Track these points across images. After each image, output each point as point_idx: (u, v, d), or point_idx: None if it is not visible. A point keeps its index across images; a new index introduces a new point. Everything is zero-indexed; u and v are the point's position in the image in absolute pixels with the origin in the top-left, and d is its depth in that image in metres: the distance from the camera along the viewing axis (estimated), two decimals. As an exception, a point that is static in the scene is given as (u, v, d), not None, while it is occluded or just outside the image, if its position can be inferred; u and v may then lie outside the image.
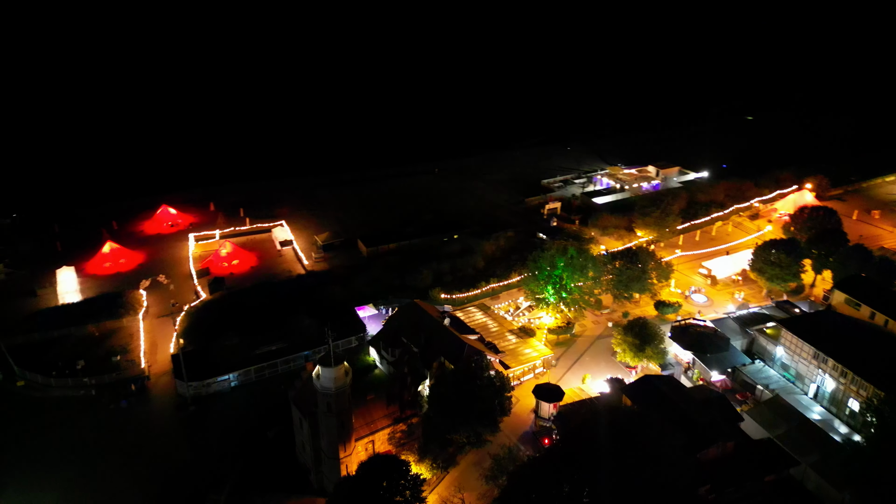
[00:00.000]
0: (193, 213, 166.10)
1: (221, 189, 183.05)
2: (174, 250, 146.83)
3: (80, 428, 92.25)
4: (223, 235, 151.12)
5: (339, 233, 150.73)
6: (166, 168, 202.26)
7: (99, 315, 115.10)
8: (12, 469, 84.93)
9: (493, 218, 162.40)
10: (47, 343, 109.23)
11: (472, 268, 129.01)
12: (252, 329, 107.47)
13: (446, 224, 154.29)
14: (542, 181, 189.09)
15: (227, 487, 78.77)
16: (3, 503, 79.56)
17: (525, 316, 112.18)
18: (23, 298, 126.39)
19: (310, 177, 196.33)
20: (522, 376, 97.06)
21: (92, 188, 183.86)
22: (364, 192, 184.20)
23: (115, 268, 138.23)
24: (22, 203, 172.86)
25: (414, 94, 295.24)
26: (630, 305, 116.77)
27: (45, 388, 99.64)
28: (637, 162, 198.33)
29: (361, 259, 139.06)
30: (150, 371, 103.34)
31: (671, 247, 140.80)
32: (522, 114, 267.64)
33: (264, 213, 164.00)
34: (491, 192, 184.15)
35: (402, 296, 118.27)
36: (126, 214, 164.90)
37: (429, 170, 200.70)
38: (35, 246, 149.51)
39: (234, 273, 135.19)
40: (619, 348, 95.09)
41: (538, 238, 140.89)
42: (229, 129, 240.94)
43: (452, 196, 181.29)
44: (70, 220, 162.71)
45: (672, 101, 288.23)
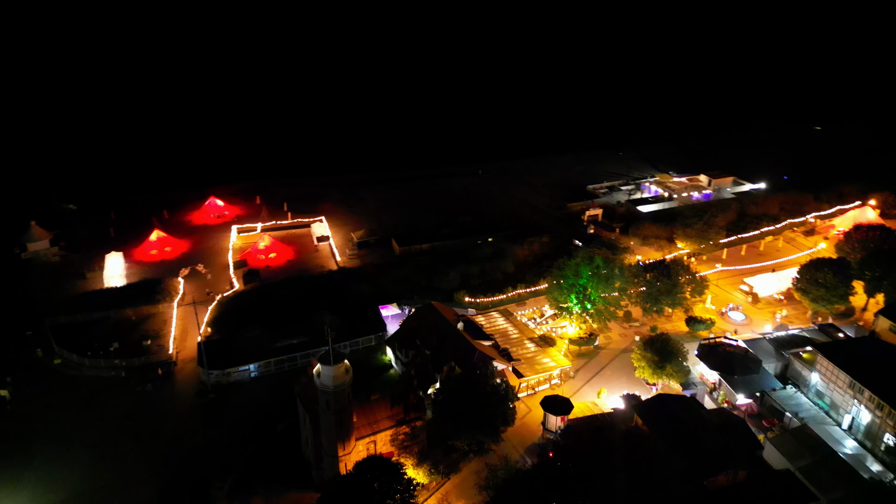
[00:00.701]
0: (240, 205, 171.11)
1: (271, 183, 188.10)
2: (217, 241, 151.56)
3: (106, 407, 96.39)
4: (264, 228, 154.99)
5: (375, 231, 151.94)
6: (220, 161, 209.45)
7: (137, 300, 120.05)
8: (41, 442, 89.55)
9: (532, 222, 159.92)
10: (87, 324, 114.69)
11: (501, 272, 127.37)
12: (276, 322, 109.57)
13: (482, 226, 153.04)
14: (588, 187, 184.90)
15: (232, 476, 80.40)
16: (30, 475, 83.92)
17: (548, 324, 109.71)
18: (72, 280, 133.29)
19: (355, 174, 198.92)
20: (537, 386, 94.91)
21: (149, 178, 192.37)
22: (406, 192, 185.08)
23: (161, 255, 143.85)
24: (86, 191, 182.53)
25: (466, 94, 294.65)
26: (662, 320, 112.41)
27: (79, 368, 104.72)
28: (691, 170, 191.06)
29: (394, 258, 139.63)
30: (177, 357, 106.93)
31: (714, 260, 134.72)
32: (578, 118, 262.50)
33: (307, 209, 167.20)
34: (533, 196, 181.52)
35: (427, 297, 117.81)
36: (177, 204, 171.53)
37: (472, 171, 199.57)
38: (92, 231, 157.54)
39: (270, 266, 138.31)
40: (639, 364, 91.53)
41: (573, 245, 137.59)
42: (283, 126, 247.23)
43: (494, 198, 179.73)
44: (126, 208, 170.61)
45: (736, 108, 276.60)
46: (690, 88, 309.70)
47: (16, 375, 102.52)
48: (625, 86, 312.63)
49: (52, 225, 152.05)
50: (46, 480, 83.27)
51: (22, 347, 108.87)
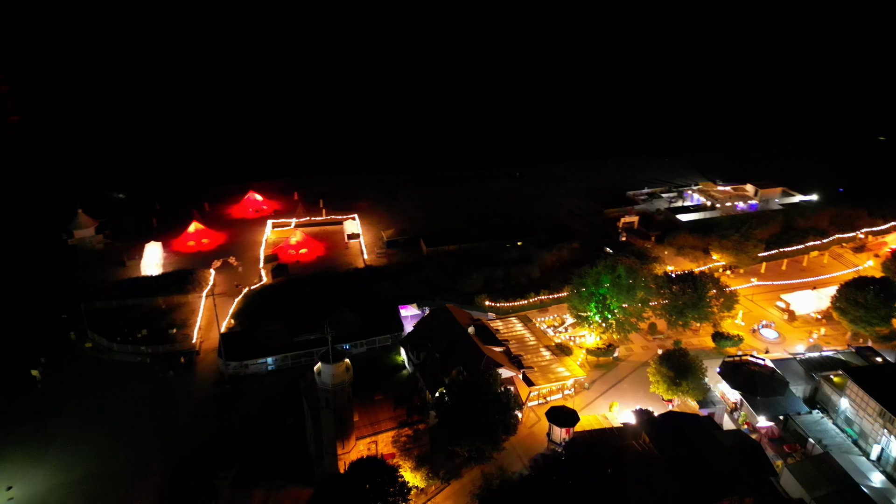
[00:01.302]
0: (279, 200, 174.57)
1: (311, 180, 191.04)
2: (253, 234, 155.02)
3: (129, 392, 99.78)
4: (298, 224, 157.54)
5: (406, 230, 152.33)
6: (264, 156, 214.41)
7: (169, 289, 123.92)
8: (66, 422, 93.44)
9: (565, 228, 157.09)
10: (120, 310, 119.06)
11: (525, 277, 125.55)
12: (297, 317, 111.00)
13: (513, 230, 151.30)
14: (628, 193, 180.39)
15: (236, 467, 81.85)
16: (52, 453, 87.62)
17: (567, 333, 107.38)
18: (113, 267, 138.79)
19: (395, 173, 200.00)
20: (549, 395, 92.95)
21: (195, 171, 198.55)
22: (443, 192, 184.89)
23: (198, 247, 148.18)
24: (136, 181, 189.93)
25: (511, 95, 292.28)
26: (688, 334, 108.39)
27: (108, 352, 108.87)
28: (741, 179, 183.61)
29: (421, 258, 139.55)
30: (200, 346, 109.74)
31: (752, 274, 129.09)
32: (626, 121, 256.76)
33: (343, 206, 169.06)
34: (571, 201, 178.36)
35: (449, 299, 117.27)
36: (219, 198, 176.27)
37: (510, 173, 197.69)
38: (137, 221, 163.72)
39: (300, 261, 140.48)
40: (654, 379, 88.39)
41: (604, 252, 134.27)
42: (327, 123, 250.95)
43: (529, 202, 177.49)
44: (171, 199, 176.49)
45: (796, 116, 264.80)
46: (750, 94, 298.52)
47: (49, 356, 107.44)
48: (678, 88, 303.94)
49: (99, 213, 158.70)
50: (66, 459, 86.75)
51: (57, 330, 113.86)
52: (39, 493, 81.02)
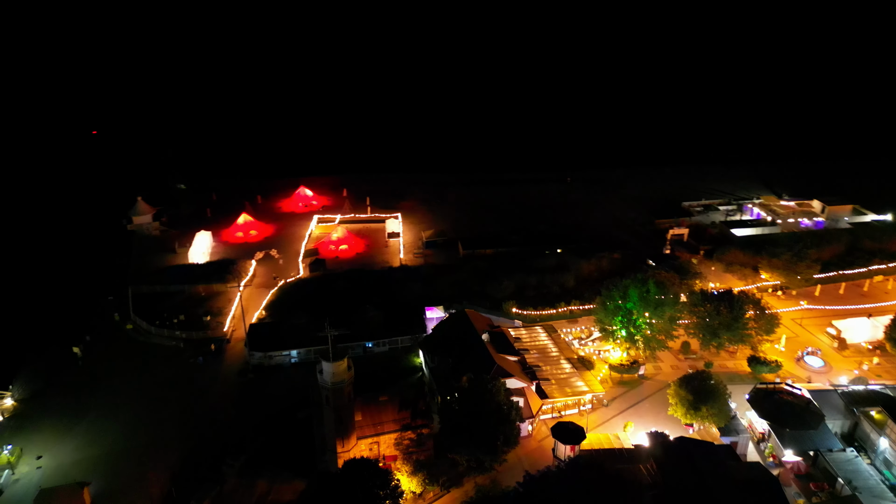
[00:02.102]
0: (328, 196, 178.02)
1: (362, 177, 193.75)
2: (299, 228, 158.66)
3: (160, 374, 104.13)
4: (342, 220, 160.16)
5: (446, 231, 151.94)
6: (320, 152, 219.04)
7: (210, 278, 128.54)
8: (99, 399, 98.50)
9: (610, 237, 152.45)
10: (163, 295, 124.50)
11: (559, 286, 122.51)
12: (324, 311, 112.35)
13: (554, 236, 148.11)
14: (683, 203, 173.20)
15: (244, 457, 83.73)
16: (82, 427, 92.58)
17: (592, 346, 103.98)
18: (164, 254, 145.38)
19: (445, 173, 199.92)
20: (564, 410, 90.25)
21: (254, 164, 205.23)
22: (491, 195, 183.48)
23: (245, 238, 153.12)
24: (199, 172, 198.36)
25: (571, 98, 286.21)
26: (724, 356, 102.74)
27: (146, 335, 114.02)
28: (809, 195, 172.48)
29: (457, 260, 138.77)
30: (231, 335, 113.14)
31: (805, 297, 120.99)
32: (691, 128, 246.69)
33: (389, 204, 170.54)
34: (622, 209, 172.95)
35: (476, 303, 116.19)
36: (272, 191, 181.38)
37: (562, 178, 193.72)
38: (194, 210, 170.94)
39: (339, 257, 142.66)
40: (673, 401, 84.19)
41: (646, 264, 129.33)
42: (384, 121, 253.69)
43: (578, 208, 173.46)
44: (227, 191, 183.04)
45: (881, 129, 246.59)
46: (831, 105, 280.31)
47: (93, 335, 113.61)
48: (752, 96, 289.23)
49: (159, 202, 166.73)
50: (93, 434, 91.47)
51: (103, 311, 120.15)
52: (65, 465, 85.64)
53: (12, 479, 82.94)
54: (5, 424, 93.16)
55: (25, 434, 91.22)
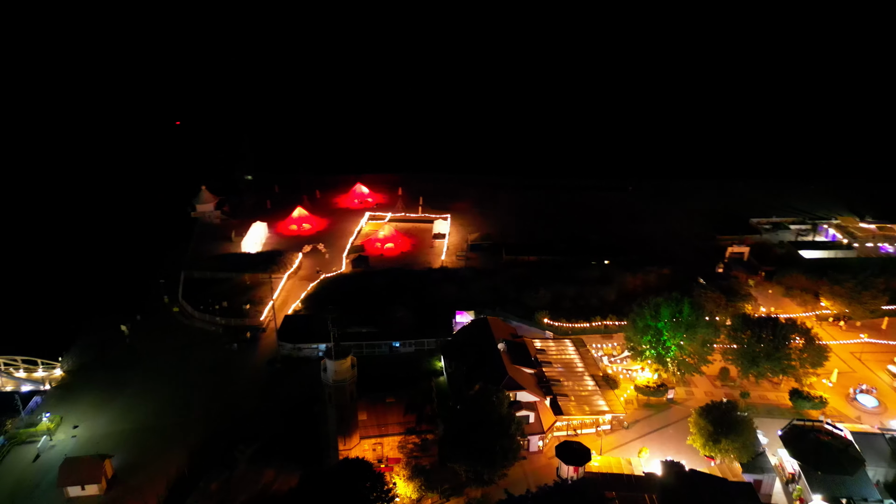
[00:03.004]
0: (384, 194, 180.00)
1: (420, 176, 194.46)
2: (351, 224, 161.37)
3: (197, 357, 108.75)
4: (393, 219, 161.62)
5: (492, 235, 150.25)
6: (381, 149, 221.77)
7: (257, 267, 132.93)
8: (138, 376, 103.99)
9: (665, 251, 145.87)
10: (212, 282, 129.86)
11: (598, 299, 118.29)
12: (357, 307, 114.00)
13: (604, 247, 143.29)
14: (752, 220, 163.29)
15: (256, 445, 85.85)
16: (119, 401, 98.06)
17: (621, 364, 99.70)
18: (221, 241, 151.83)
19: (503, 176, 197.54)
20: (581, 428, 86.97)
21: (319, 159, 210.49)
22: (546, 200, 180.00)
23: (299, 231, 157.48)
24: (265, 164, 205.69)
25: (642, 103, 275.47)
26: (767, 386, 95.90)
27: (190, 318, 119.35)
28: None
29: (499, 265, 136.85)
30: (267, 325, 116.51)
31: (868, 329, 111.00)
32: (771, 139, 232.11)
33: (441, 205, 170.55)
34: (683, 222, 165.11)
35: (508, 310, 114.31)
36: (331, 186, 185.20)
37: (623, 186, 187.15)
38: (256, 201, 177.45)
39: (384, 255, 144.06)
40: (693, 430, 79.27)
41: (697, 282, 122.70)
42: (447, 120, 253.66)
43: (636, 218, 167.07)
44: (289, 184, 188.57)
45: None
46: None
47: (143, 315, 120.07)
48: (841, 108, 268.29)
49: (222, 191, 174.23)
50: (128, 408, 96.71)
51: (155, 293, 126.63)
52: (97, 437, 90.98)
53: (49, 445, 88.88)
54: (51, 393, 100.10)
55: (68, 404, 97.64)
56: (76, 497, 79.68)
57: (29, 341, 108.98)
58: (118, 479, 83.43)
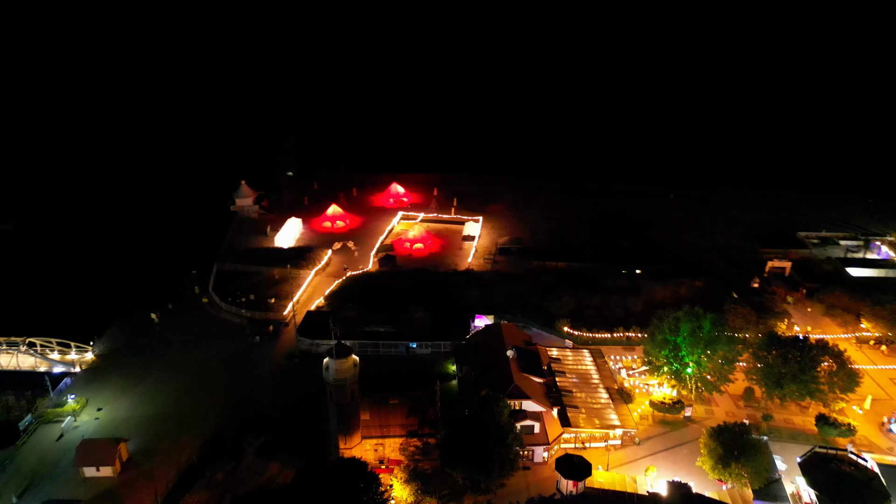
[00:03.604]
0: (419, 193, 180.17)
1: (458, 177, 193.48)
2: (383, 223, 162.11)
3: (220, 348, 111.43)
4: (425, 219, 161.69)
5: (522, 240, 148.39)
6: (420, 148, 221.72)
7: (286, 262, 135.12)
8: (162, 363, 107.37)
9: (702, 262, 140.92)
10: (243, 274, 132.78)
11: (623, 309, 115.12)
12: (378, 307, 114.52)
13: (637, 255, 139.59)
14: (799, 233, 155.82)
15: (264, 437, 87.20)
16: (141, 387, 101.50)
17: (639, 378, 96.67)
18: (257, 235, 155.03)
19: (542, 178, 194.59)
20: (589, 441, 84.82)
21: (358, 157, 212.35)
22: (583, 205, 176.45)
23: (332, 228, 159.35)
24: (306, 160, 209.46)
25: (691, 106, 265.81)
26: (794, 409, 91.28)
27: (217, 309, 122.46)
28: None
29: (527, 270, 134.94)
30: (290, 319, 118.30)
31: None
32: (830, 151, 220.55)
33: (476, 207, 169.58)
34: (725, 233, 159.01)
35: (530, 316, 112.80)
36: (368, 184, 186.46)
37: (664, 194, 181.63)
38: (295, 197, 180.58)
39: (412, 255, 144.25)
40: (703, 451, 76.05)
41: (729, 296, 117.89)
42: (488, 120, 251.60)
43: (675, 228, 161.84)
44: (328, 181, 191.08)
45: None
46: None
47: (175, 304, 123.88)
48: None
49: (261, 186, 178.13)
50: (149, 394, 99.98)
51: (188, 283, 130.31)
52: (118, 420, 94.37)
53: (73, 426, 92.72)
54: (81, 376, 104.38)
55: (95, 387, 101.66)
56: (91, 477, 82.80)
57: (65, 325, 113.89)
58: (133, 462, 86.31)
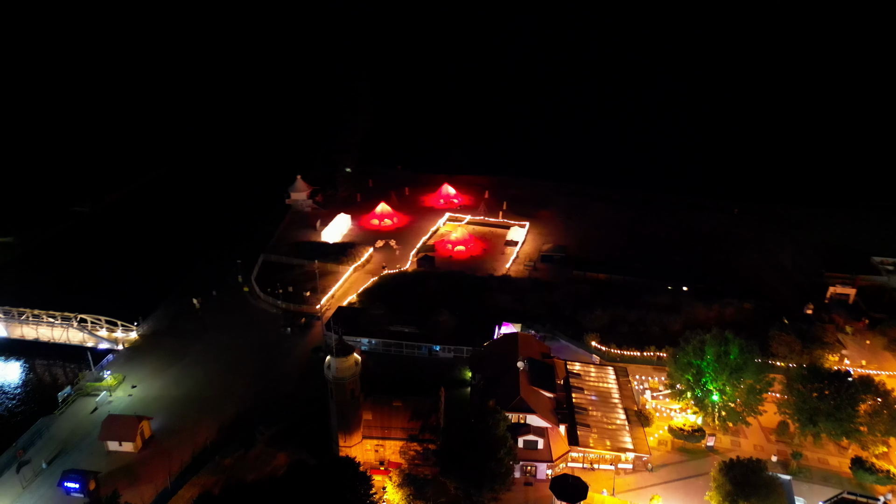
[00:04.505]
0: (470, 195, 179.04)
1: (513, 181, 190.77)
2: (430, 223, 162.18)
3: (253, 336, 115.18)
4: (471, 222, 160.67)
5: (566, 248, 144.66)
6: (478, 150, 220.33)
7: (328, 257, 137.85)
8: (197, 347, 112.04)
9: (758, 283, 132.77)
10: (286, 266, 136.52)
11: (660, 327, 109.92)
12: (406, 307, 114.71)
13: (685, 272, 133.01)
14: (874, 258, 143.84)
15: (276, 428, 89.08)
16: (175, 369, 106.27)
17: (662, 401, 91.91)
18: (306, 230, 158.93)
19: (599, 186, 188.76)
20: (598, 462, 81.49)
21: (416, 157, 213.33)
22: (636, 215, 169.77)
23: (380, 226, 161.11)
24: (366, 157, 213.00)
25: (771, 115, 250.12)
26: (832, 449, 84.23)
27: (256, 299, 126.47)
28: None
29: (567, 279, 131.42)
30: (323, 313, 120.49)
31: None
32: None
33: (526, 212, 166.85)
34: (788, 253, 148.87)
35: (560, 328, 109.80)
36: (423, 184, 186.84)
37: (728, 208, 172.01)
38: (350, 193, 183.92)
39: (452, 257, 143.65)
40: (713, 484, 71.25)
41: (781, 322, 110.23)
42: (551, 125, 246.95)
43: (734, 245, 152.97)
44: (385, 178, 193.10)
45: None
46: None
47: (219, 291, 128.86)
48: None
49: (319, 181, 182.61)
50: (181, 377, 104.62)
51: (233, 271, 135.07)
52: (149, 398, 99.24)
53: (107, 401, 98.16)
54: (122, 353, 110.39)
55: (133, 365, 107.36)
56: (114, 451, 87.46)
57: (117, 304, 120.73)
58: (155, 439, 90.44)
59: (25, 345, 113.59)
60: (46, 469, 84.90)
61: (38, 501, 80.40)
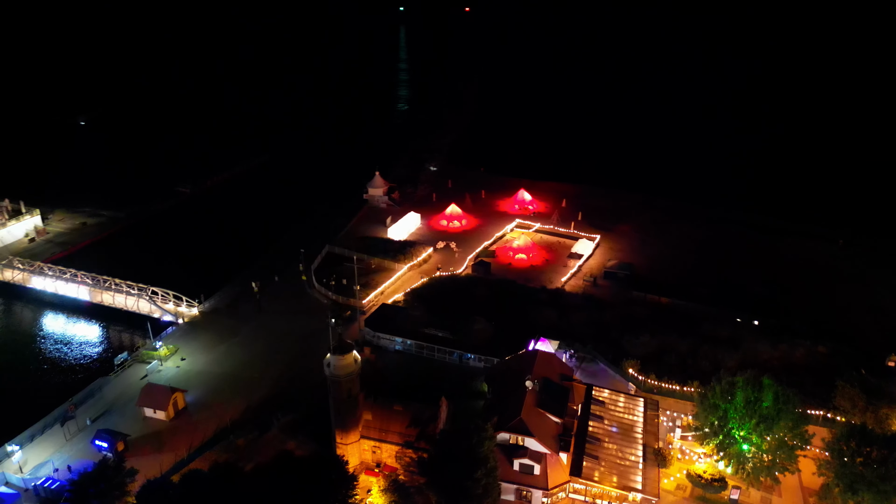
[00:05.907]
0: (547, 203, 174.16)
1: (599, 191, 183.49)
2: (497, 228, 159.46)
3: (299, 324, 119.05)
4: (540, 230, 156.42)
5: (632, 266, 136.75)
6: (570, 156, 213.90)
7: (386, 254, 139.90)
8: (248, 328, 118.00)
9: (847, 323, 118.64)
10: (346, 259, 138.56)
11: (711, 362, 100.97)
12: (446, 310, 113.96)
13: (763, 303, 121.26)
14: None
15: (292, 416, 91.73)
16: (224, 346, 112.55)
17: (689, 443, 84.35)
18: (377, 225, 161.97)
19: (690, 202, 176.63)
20: (602, 499, 76.42)
21: (501, 160, 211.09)
22: (724, 237, 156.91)
23: (448, 227, 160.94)
24: (451, 158, 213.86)
25: None
26: (876, 518, 73.52)
27: (310, 288, 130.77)
28: None
29: (622, 299, 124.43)
30: (367, 308, 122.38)
31: None
32: None
33: (602, 224, 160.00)
34: (893, 293, 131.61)
35: (601, 350, 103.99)
36: (500, 188, 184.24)
37: (833, 238, 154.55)
38: (429, 192, 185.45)
39: (512, 265, 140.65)
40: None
41: (857, 372, 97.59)
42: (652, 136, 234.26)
43: (831, 278, 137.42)
44: (465, 179, 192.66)
45: None
46: None
47: (280, 278, 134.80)
48: None
49: (401, 178, 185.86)
50: (225, 356, 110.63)
51: (297, 259, 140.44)
52: (192, 372, 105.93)
53: (157, 370, 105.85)
54: (182, 327, 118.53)
55: (188, 339, 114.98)
56: (149, 418, 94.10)
57: (190, 280, 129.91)
58: (187, 411, 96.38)
59: (102, 309, 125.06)
60: (90, 426, 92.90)
61: (76, 454, 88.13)
